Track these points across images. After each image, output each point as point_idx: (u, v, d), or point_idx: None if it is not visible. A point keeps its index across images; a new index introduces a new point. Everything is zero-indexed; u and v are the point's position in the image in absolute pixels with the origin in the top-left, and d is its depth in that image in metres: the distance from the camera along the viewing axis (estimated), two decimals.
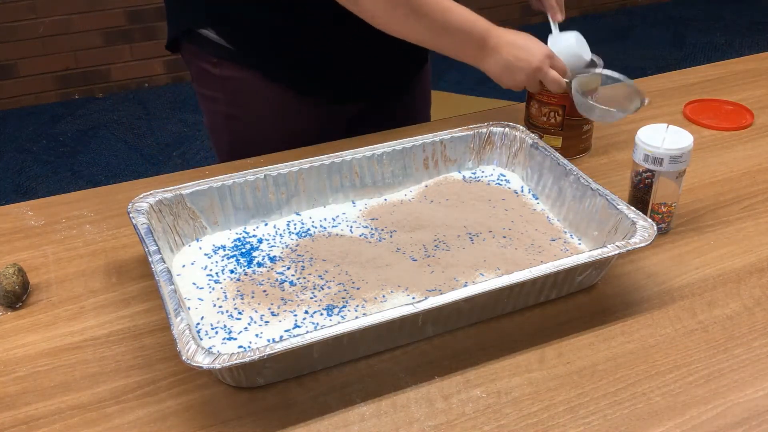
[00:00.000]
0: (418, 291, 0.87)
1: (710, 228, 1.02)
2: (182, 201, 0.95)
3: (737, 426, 0.74)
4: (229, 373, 0.76)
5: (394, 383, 0.78)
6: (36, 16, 3.11)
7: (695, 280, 0.93)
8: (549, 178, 1.03)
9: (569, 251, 0.94)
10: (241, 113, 1.22)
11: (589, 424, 0.74)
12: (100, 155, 2.91)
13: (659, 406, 0.76)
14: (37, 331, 0.86)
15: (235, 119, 1.23)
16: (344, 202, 1.04)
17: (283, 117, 1.22)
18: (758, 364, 0.81)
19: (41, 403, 0.77)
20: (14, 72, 3.17)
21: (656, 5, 4.26)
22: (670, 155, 0.94)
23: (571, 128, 1.13)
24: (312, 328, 0.83)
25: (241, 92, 1.20)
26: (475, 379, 0.79)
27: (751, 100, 1.33)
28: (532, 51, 1.08)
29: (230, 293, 0.88)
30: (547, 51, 1.09)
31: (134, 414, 0.75)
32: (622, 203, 0.91)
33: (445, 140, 1.08)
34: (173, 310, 0.75)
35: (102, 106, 3.26)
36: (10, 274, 0.88)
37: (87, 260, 0.96)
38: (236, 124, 1.23)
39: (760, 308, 0.88)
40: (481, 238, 0.96)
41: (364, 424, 0.74)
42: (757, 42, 3.81)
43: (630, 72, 1.14)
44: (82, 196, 1.09)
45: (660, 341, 0.84)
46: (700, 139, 1.22)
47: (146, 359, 0.82)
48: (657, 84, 1.41)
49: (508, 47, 1.08)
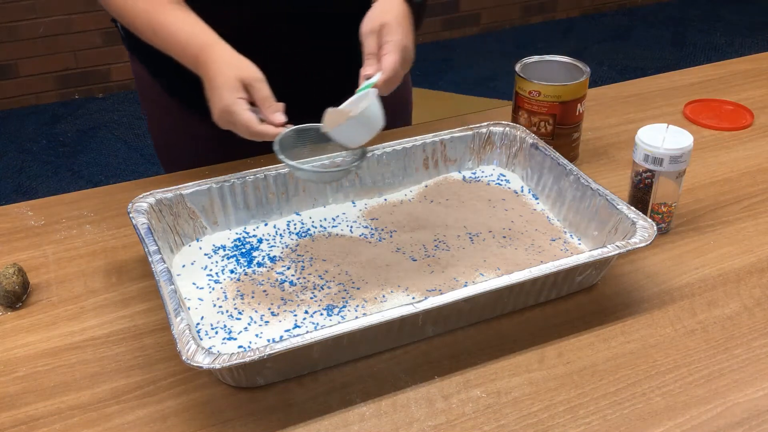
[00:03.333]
0: (418, 291, 0.87)
1: (710, 228, 1.02)
2: (182, 201, 0.95)
3: (737, 426, 0.74)
4: (229, 373, 0.76)
5: (394, 383, 0.78)
6: (36, 16, 3.10)
7: (695, 280, 0.93)
8: (549, 178, 1.03)
9: (569, 251, 0.94)
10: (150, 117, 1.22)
11: (589, 424, 0.74)
12: (100, 155, 2.91)
13: (659, 406, 0.76)
14: (37, 331, 0.86)
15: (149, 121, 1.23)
16: (344, 202, 1.04)
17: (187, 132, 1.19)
18: (758, 364, 0.81)
19: (41, 403, 0.77)
20: (14, 72, 3.17)
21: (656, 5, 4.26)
22: (670, 155, 0.94)
23: (560, 137, 1.13)
24: (312, 328, 0.83)
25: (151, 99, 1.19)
26: (475, 379, 0.79)
27: (751, 100, 1.33)
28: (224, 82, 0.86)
29: (230, 293, 0.88)
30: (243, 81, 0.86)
31: (134, 414, 0.75)
32: (622, 203, 0.91)
33: (445, 140, 1.08)
34: (173, 310, 0.75)
35: (102, 106, 3.26)
36: (10, 274, 0.88)
37: (87, 260, 0.96)
38: (153, 126, 1.24)
39: (760, 308, 0.88)
40: (481, 238, 0.96)
41: (364, 424, 0.74)
42: (757, 42, 3.81)
43: (630, 72, 1.13)
44: (82, 196, 1.09)
45: (660, 341, 0.84)
46: (700, 139, 1.22)
47: (146, 359, 0.82)
48: (657, 84, 1.41)
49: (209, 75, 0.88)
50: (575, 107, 1.11)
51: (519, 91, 1.13)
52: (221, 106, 0.86)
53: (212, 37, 0.91)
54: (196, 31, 0.92)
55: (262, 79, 0.87)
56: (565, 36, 3.83)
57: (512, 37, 3.84)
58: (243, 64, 0.88)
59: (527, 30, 3.90)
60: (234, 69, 0.87)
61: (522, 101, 1.12)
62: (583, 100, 1.12)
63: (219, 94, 0.86)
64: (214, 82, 0.87)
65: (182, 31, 0.92)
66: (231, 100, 0.85)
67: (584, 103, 1.12)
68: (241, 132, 0.87)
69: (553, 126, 1.12)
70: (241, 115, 0.85)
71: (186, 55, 0.92)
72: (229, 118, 0.86)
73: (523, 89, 1.11)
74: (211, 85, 0.87)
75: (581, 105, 1.12)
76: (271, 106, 0.86)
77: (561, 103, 1.10)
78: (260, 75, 0.87)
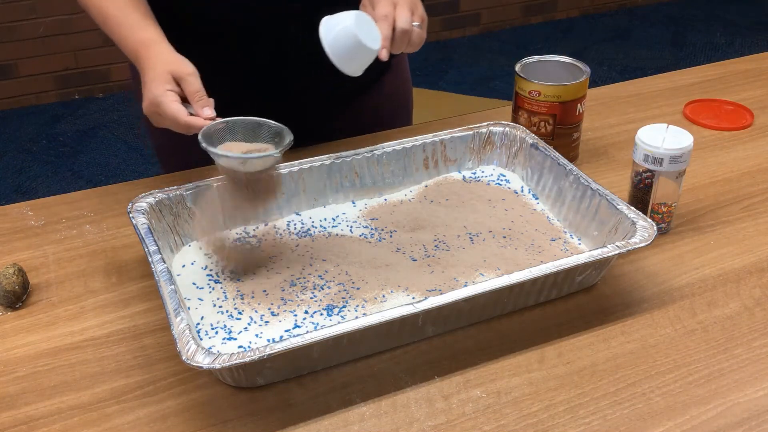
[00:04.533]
0: (418, 291, 0.87)
1: (710, 228, 1.02)
2: (182, 201, 0.95)
3: (737, 426, 0.74)
4: (229, 373, 0.76)
5: (394, 383, 0.78)
6: (36, 16, 3.11)
7: (695, 280, 0.93)
8: (549, 178, 1.03)
9: (569, 251, 0.94)
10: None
11: (589, 424, 0.74)
12: (100, 155, 2.91)
13: (659, 406, 0.76)
14: (37, 331, 0.86)
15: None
16: (344, 202, 1.04)
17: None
18: (758, 364, 0.81)
19: (41, 403, 0.77)
20: (14, 72, 3.17)
21: (656, 5, 4.26)
22: (670, 155, 0.94)
23: (560, 137, 1.13)
24: (312, 328, 0.83)
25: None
26: (475, 379, 0.79)
27: (751, 100, 1.33)
28: (155, 76, 0.87)
29: (230, 293, 0.88)
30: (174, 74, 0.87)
31: (134, 414, 0.75)
32: (622, 203, 0.91)
33: (445, 140, 1.08)
34: (173, 310, 0.75)
35: (102, 106, 3.26)
36: (10, 274, 0.88)
37: (87, 260, 0.96)
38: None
39: (760, 308, 0.88)
40: (481, 238, 0.96)
41: (364, 424, 0.74)
42: (757, 42, 3.81)
43: (630, 72, 1.13)
44: (82, 196, 1.09)
45: (660, 341, 0.84)
46: (700, 139, 1.22)
47: (146, 359, 0.82)
48: (657, 84, 1.41)
49: (143, 71, 0.89)
50: (575, 107, 1.11)
51: (519, 91, 1.13)
52: (150, 97, 0.86)
53: (154, 33, 0.92)
54: (141, 25, 0.92)
55: (193, 73, 0.87)
56: (565, 36, 3.83)
57: (512, 37, 3.84)
58: (176, 59, 0.89)
59: (527, 30, 3.90)
60: (166, 64, 0.88)
61: (522, 101, 1.12)
62: (583, 100, 1.12)
63: (149, 87, 0.87)
64: (146, 77, 0.88)
65: (125, 25, 0.92)
66: (159, 91, 0.86)
67: (584, 103, 1.12)
68: (168, 124, 0.87)
69: (553, 126, 1.12)
70: (169, 105, 0.85)
71: (127, 48, 0.92)
72: (157, 109, 0.86)
73: (523, 89, 1.12)
74: (144, 79, 0.88)
75: (581, 105, 1.12)
76: (201, 99, 0.87)
77: (561, 103, 1.10)
78: (192, 69, 0.88)
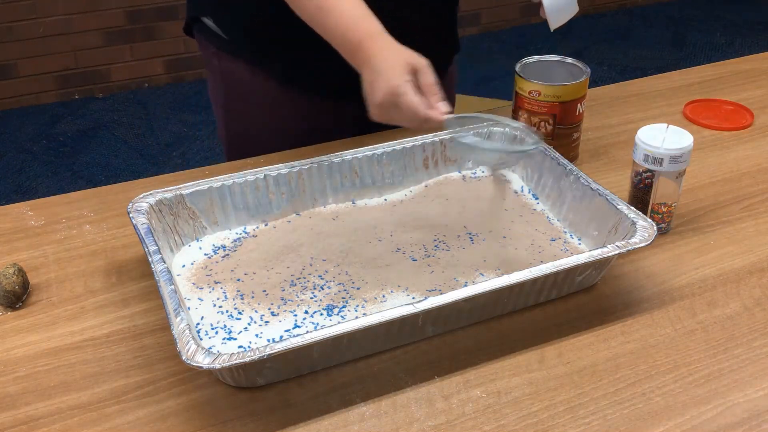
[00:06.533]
0: (418, 291, 0.87)
1: (710, 228, 1.02)
2: (182, 201, 0.95)
3: (737, 426, 0.74)
4: (229, 373, 0.76)
5: (394, 383, 0.78)
6: (36, 16, 3.11)
7: (695, 280, 0.93)
8: (549, 178, 1.03)
9: (569, 251, 0.94)
10: (236, 107, 1.21)
11: (588, 424, 0.74)
12: (100, 155, 2.91)
13: (659, 406, 0.76)
14: (37, 331, 0.86)
15: (231, 112, 1.22)
16: (344, 202, 1.04)
17: (278, 114, 1.20)
18: (758, 364, 0.81)
19: (41, 403, 0.77)
20: (14, 72, 3.17)
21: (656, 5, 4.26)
22: (670, 155, 0.94)
23: (561, 137, 1.13)
24: (312, 328, 0.83)
25: (235, 85, 1.18)
26: (475, 379, 0.79)
27: (751, 100, 1.33)
28: (393, 65, 0.85)
29: (230, 293, 0.88)
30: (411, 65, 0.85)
31: (134, 414, 0.75)
32: (622, 203, 0.91)
33: (445, 140, 1.08)
34: (173, 310, 0.75)
35: (102, 106, 3.26)
36: (10, 274, 0.88)
37: (87, 260, 0.96)
38: (233, 117, 1.23)
39: (760, 308, 0.88)
40: (481, 238, 0.96)
41: (364, 424, 0.74)
42: (757, 42, 3.81)
43: (630, 72, 1.13)
44: (82, 196, 1.09)
45: (660, 341, 0.84)
46: (700, 139, 1.22)
47: (146, 359, 0.82)
48: (657, 84, 1.41)
49: (373, 61, 0.87)
50: (575, 107, 1.11)
51: (519, 91, 1.13)
52: (387, 87, 0.84)
53: (379, 26, 0.91)
54: (367, 17, 0.91)
55: (429, 65, 0.86)
56: (565, 36, 3.83)
57: (512, 37, 3.84)
58: (409, 51, 0.87)
59: (527, 30, 3.90)
60: (401, 54, 0.86)
61: (522, 101, 1.12)
62: (583, 100, 1.12)
63: (386, 77, 0.84)
64: (381, 66, 0.85)
65: (351, 16, 0.90)
66: (400, 80, 0.83)
67: (584, 103, 1.12)
68: (404, 115, 0.85)
69: (553, 126, 1.12)
70: (411, 97, 0.83)
71: (347, 38, 0.90)
72: (396, 99, 0.83)
73: (523, 89, 1.11)
74: (377, 69, 0.85)
75: (581, 105, 1.12)
76: (437, 93, 0.85)
77: (561, 103, 1.10)
78: (427, 61, 0.86)
